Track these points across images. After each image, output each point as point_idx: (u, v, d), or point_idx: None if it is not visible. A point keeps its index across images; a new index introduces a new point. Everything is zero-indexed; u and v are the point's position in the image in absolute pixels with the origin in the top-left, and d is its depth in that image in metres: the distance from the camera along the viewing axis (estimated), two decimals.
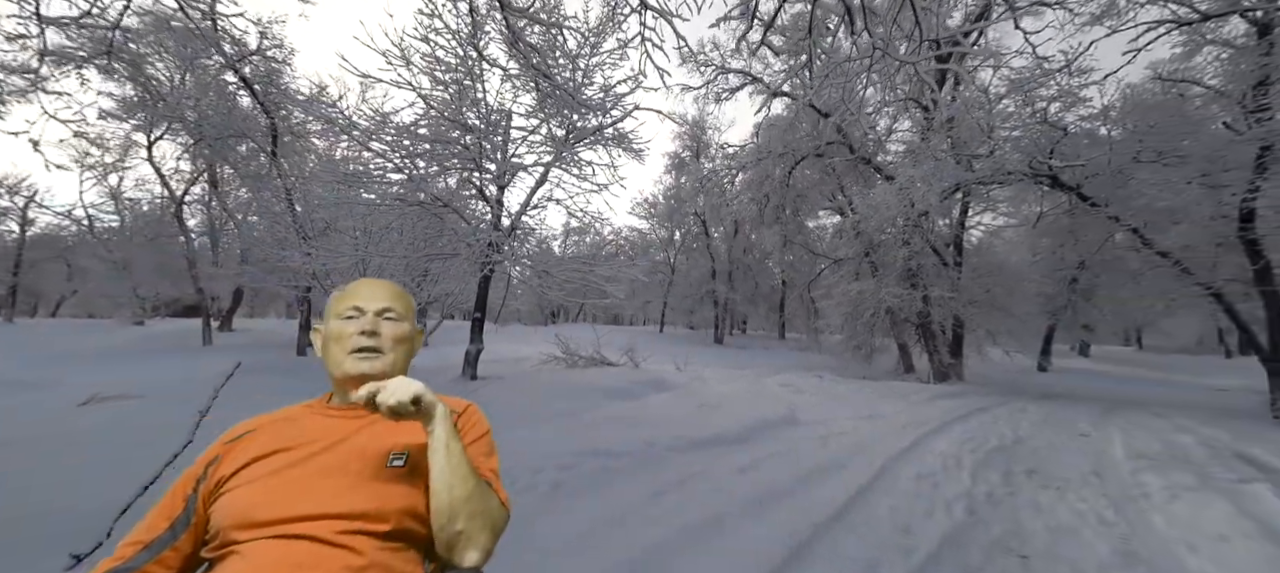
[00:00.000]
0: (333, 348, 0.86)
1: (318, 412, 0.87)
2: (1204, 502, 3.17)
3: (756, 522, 2.56)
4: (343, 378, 0.85)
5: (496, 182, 7.33)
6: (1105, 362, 20.60)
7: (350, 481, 0.75)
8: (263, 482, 0.75)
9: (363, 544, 0.70)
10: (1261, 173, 6.87)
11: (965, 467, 3.88)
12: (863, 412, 6.16)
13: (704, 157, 22.63)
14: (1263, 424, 6.70)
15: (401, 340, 0.89)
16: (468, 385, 6.63)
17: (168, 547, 0.75)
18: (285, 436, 0.80)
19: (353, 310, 0.88)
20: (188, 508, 0.77)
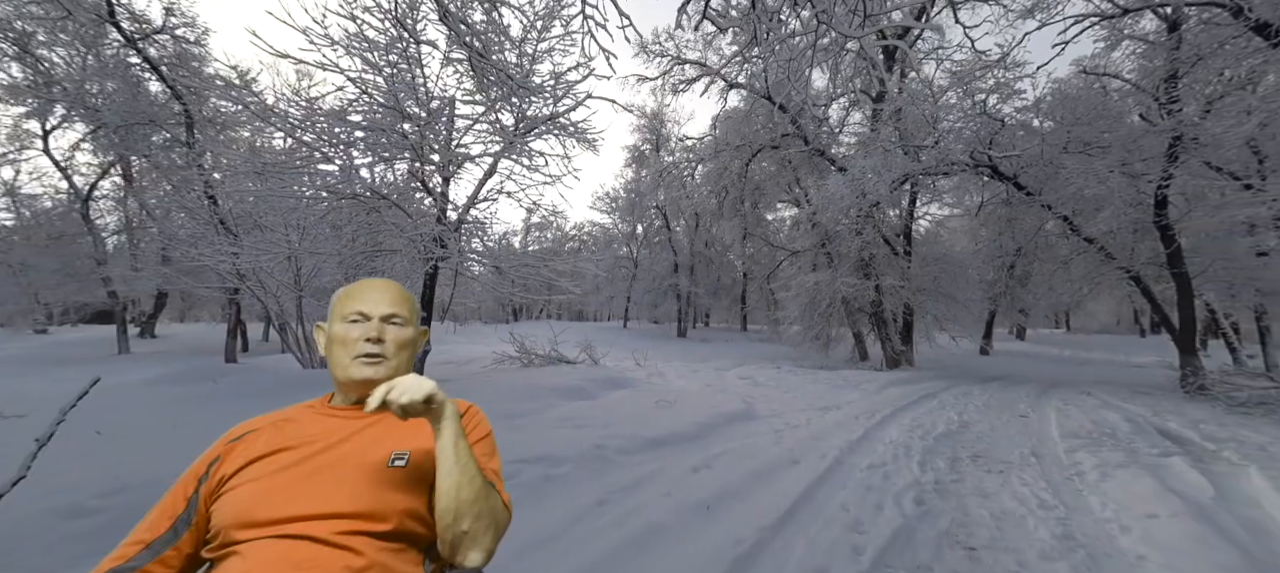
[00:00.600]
0: (337, 351, 0.86)
1: (319, 411, 0.86)
2: (1132, 478, 3.29)
3: (703, 528, 2.41)
4: (347, 383, 0.86)
5: (441, 173, 6.91)
6: (1039, 343, 22.07)
7: (351, 480, 0.74)
8: (264, 481, 0.74)
9: (363, 544, 0.70)
10: (1173, 161, 7.37)
11: (914, 454, 3.91)
12: (818, 403, 6.20)
13: (664, 150, 22.54)
14: (1176, 398, 7.23)
15: (405, 345, 0.89)
16: None
17: (169, 546, 0.75)
18: (287, 435, 0.80)
19: (357, 314, 0.87)
20: (190, 507, 0.77)
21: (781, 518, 2.55)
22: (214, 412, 4.52)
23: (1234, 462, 3.82)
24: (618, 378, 7.31)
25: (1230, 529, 2.41)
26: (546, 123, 7.15)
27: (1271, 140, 6.12)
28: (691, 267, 23.95)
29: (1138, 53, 8.20)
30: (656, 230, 25.48)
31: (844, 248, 11.46)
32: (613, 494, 2.76)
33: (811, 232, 12.71)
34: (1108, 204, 8.09)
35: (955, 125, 8.90)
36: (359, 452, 0.78)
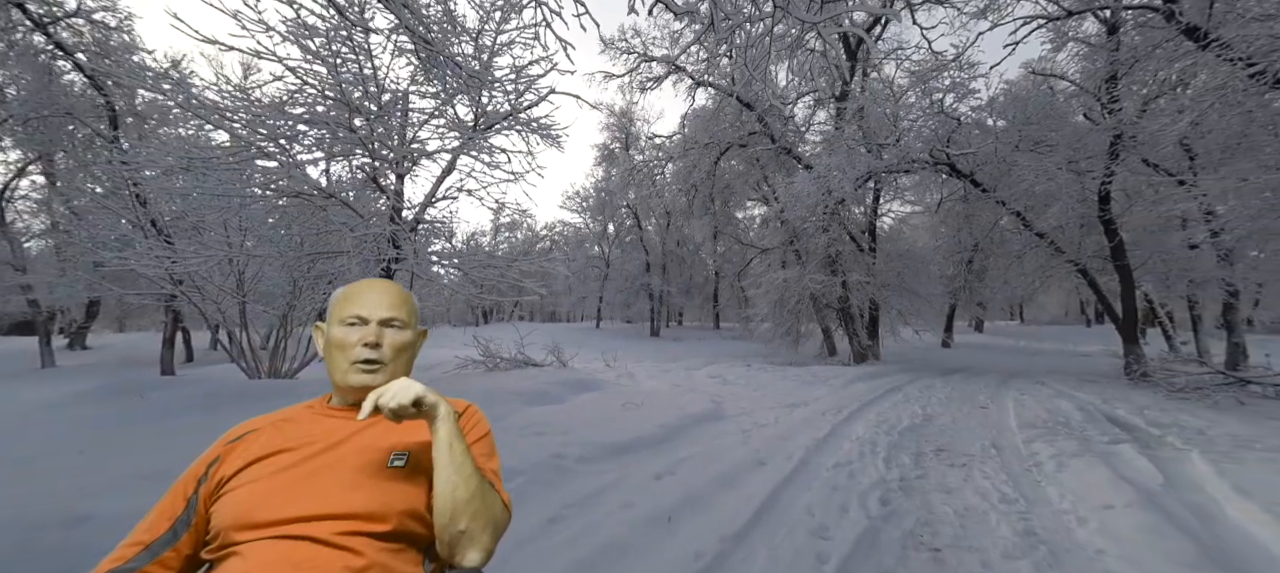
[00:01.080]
0: (335, 355, 0.85)
1: (319, 412, 0.86)
2: (1087, 467, 3.34)
3: (663, 543, 2.27)
4: (344, 387, 0.85)
5: (395, 170, 6.56)
6: (996, 335, 23.05)
7: (351, 481, 0.74)
8: (263, 482, 0.74)
9: (363, 545, 0.69)
10: (1114, 159, 7.72)
11: (880, 451, 3.89)
12: (787, 400, 6.18)
13: (634, 148, 22.41)
14: (1121, 385, 7.58)
15: (403, 349, 0.88)
16: None
17: (169, 547, 0.74)
18: (286, 436, 0.80)
19: (355, 318, 0.86)
20: (189, 508, 0.76)
21: (745, 526, 2.44)
22: (133, 434, 4.09)
23: (1178, 447, 3.96)
24: (586, 380, 7.12)
25: (1180, 517, 2.44)
26: (508, 118, 6.89)
27: (1202, 138, 6.48)
28: (664, 266, 23.92)
29: (1081, 55, 8.58)
30: (628, 230, 25.34)
31: (811, 245, 11.59)
32: (568, 509, 2.59)
33: (780, 229, 12.82)
34: (1057, 200, 8.42)
35: (915, 123, 9.10)
36: (358, 452, 0.78)
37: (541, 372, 7.70)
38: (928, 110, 8.98)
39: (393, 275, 6.67)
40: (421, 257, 6.19)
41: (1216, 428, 4.62)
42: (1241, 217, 6.52)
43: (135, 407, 5.22)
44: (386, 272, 6.48)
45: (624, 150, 22.76)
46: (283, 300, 7.92)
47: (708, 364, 10.58)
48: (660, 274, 23.44)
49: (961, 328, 22.75)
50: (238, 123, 5.31)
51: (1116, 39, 7.44)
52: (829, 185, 9.46)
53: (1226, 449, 3.74)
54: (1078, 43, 8.38)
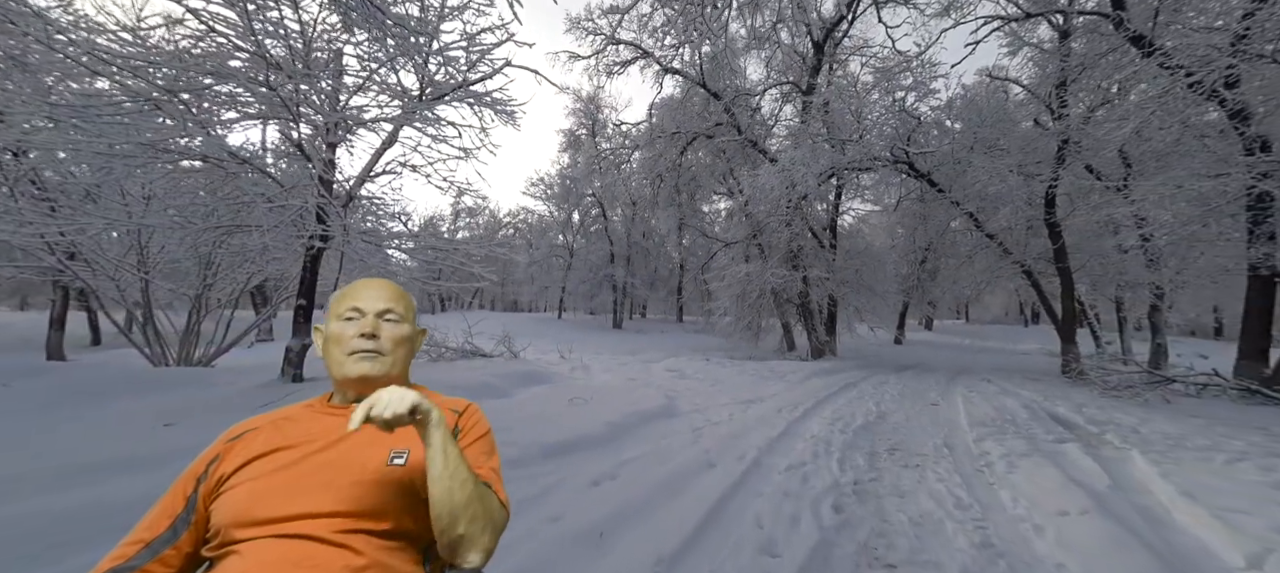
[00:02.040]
0: (332, 349, 0.85)
1: (319, 410, 0.86)
2: (1036, 467, 3.28)
3: (588, 566, 1.96)
4: (342, 380, 0.84)
5: (326, 138, 5.91)
6: (944, 333, 24.10)
7: (350, 479, 0.74)
8: (263, 480, 0.74)
9: (362, 543, 0.69)
10: (1061, 163, 7.96)
11: (834, 451, 3.73)
12: (743, 396, 6.01)
13: (601, 136, 21.87)
14: (1060, 383, 7.89)
15: (401, 342, 0.87)
16: (287, 390, 5.25)
17: (169, 545, 0.74)
18: (286, 434, 0.80)
19: (352, 312, 0.86)
20: (189, 506, 0.76)
21: (685, 543, 2.17)
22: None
23: (1117, 446, 4.00)
24: (536, 373, 6.73)
25: (1134, 524, 2.35)
26: (458, 90, 6.35)
27: (1141, 145, 6.75)
28: (628, 257, 23.60)
29: (1034, 60, 8.82)
30: (593, 219, 24.83)
31: (774, 240, 11.57)
32: None
33: (745, 223, 12.75)
34: (1007, 202, 8.64)
35: (878, 121, 9.13)
36: (358, 450, 0.77)
37: (489, 364, 7.24)
38: (890, 108, 9.02)
39: (320, 255, 6.05)
40: (352, 234, 5.59)
41: (1148, 426, 4.76)
42: (1173, 223, 6.83)
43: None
44: (312, 251, 5.86)
45: (591, 137, 22.16)
46: (197, 279, 7.09)
47: (667, 358, 10.37)
48: (624, 265, 23.11)
49: (913, 326, 23.64)
50: (126, 72, 4.56)
51: (1068, 45, 7.64)
52: (793, 179, 9.39)
53: (1163, 449, 3.80)
54: (1032, 48, 8.61)
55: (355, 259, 6.47)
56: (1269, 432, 4.70)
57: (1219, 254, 7.16)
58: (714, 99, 12.19)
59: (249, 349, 10.95)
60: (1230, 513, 2.30)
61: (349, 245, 5.96)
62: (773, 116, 14.03)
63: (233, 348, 7.85)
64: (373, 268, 6.60)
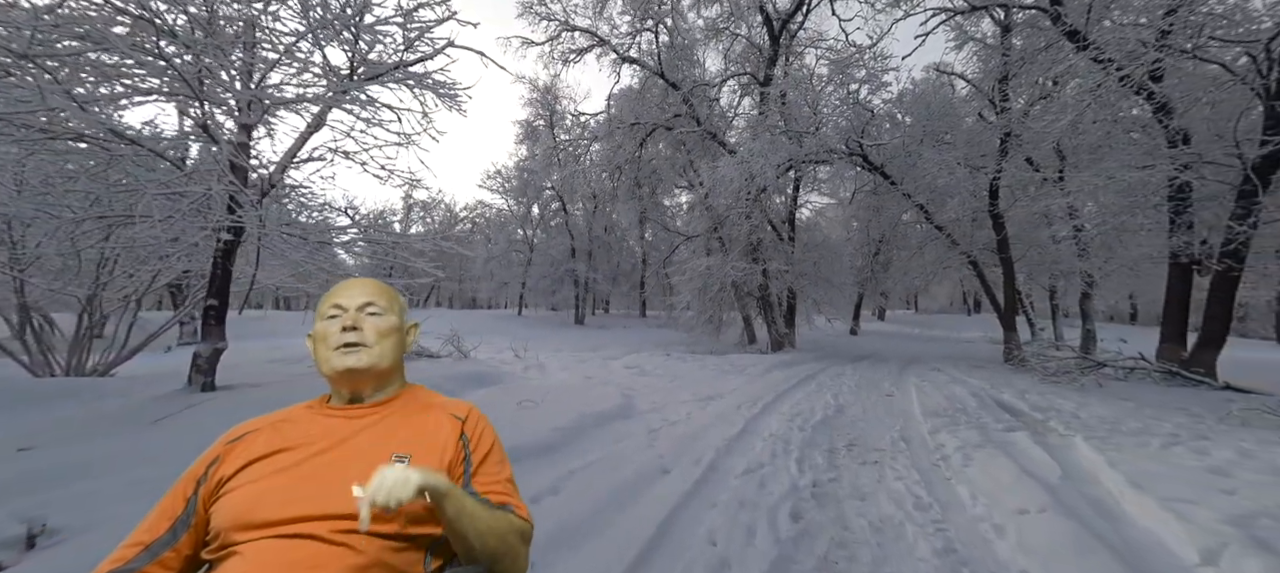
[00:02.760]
0: (319, 348, 0.86)
1: (318, 412, 0.85)
2: (990, 459, 3.25)
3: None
4: (331, 374, 0.84)
5: (238, 118, 5.26)
6: (896, 323, 25.08)
7: (351, 480, 0.73)
8: (264, 482, 0.74)
9: (364, 543, 0.69)
10: (1004, 156, 8.25)
11: (793, 449, 3.59)
12: (702, 392, 5.85)
13: (559, 127, 21.27)
14: (1004, 370, 8.21)
15: (386, 333, 0.87)
16: (190, 401, 4.63)
17: (168, 548, 0.74)
18: (286, 436, 0.80)
19: (335, 309, 0.87)
20: (188, 509, 0.76)
21: (629, 569, 1.92)
22: None
23: (1061, 432, 4.08)
24: (485, 374, 6.33)
25: (1088, 518, 2.30)
26: (394, 71, 5.81)
27: (1079, 138, 7.07)
28: (589, 252, 23.18)
29: (978, 55, 9.11)
30: (553, 213, 24.23)
31: (735, 232, 11.54)
32: None
33: (705, 215, 12.67)
34: (955, 194, 8.90)
35: (833, 114, 9.19)
36: (359, 452, 0.78)
37: (435, 365, 6.77)
38: (845, 100, 9.10)
39: (234, 249, 5.41)
40: (270, 226, 5.00)
41: (1086, 411, 4.94)
42: (1102, 214, 7.18)
43: None
44: (222, 244, 5.22)
45: (548, 129, 21.52)
46: (89, 277, 6.21)
47: (628, 354, 10.14)
48: (586, 260, 22.69)
49: (867, 316, 24.48)
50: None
51: (1009, 40, 7.91)
52: (752, 170, 9.33)
53: (1103, 434, 3.89)
54: (976, 43, 8.90)
55: (277, 253, 5.84)
56: (1189, 412, 4.98)
57: (1143, 244, 7.61)
58: (672, 89, 11.99)
59: (168, 353, 9.91)
60: (1177, 503, 2.29)
61: (267, 239, 5.35)
62: (732, 109, 13.99)
63: (139, 353, 6.99)
64: (299, 264, 6.00)
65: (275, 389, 5.17)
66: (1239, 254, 5.74)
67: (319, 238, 5.69)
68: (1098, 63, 5.93)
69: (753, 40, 12.68)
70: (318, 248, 5.72)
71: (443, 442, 0.83)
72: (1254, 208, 5.39)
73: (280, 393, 4.87)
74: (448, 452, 0.82)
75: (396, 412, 0.85)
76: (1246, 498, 2.32)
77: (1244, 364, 9.21)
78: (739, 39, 13.62)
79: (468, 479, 0.82)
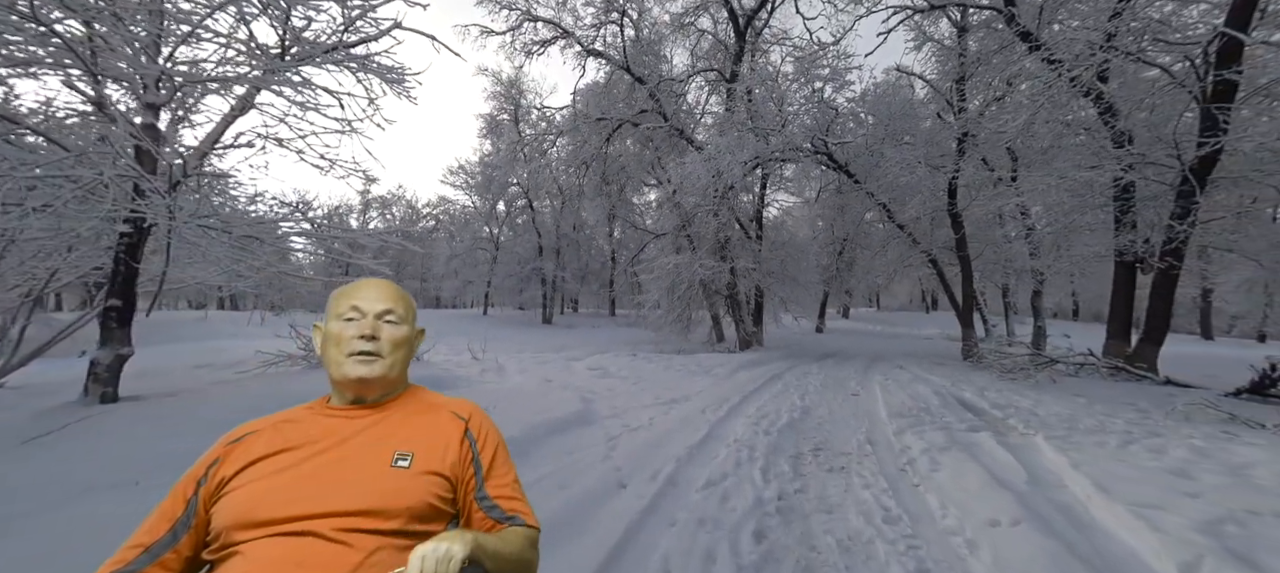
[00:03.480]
0: (331, 350, 0.84)
1: (319, 412, 0.85)
2: (957, 464, 3.15)
3: None
4: (341, 380, 0.83)
5: (145, 98, 4.67)
6: (860, 320, 25.71)
7: (355, 480, 0.74)
8: (266, 481, 0.74)
9: (366, 542, 0.69)
10: (961, 155, 8.42)
11: (758, 456, 3.41)
12: (667, 394, 5.63)
13: (525, 122, 20.68)
14: (962, 367, 8.37)
15: (400, 344, 0.87)
16: (84, 413, 4.03)
17: (168, 549, 0.74)
18: (288, 436, 0.79)
19: (352, 312, 0.86)
20: (189, 510, 0.76)
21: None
22: None
23: (1022, 431, 4.07)
24: (438, 378, 5.91)
25: (1060, 529, 2.20)
26: (332, 51, 5.32)
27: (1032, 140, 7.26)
28: (557, 250, 22.70)
29: (936, 56, 9.29)
30: (519, 210, 23.60)
31: (703, 230, 11.43)
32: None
33: (674, 213, 12.51)
34: (916, 192, 9.03)
35: (799, 111, 9.18)
36: (362, 452, 0.77)
37: None
38: (810, 98, 9.10)
39: (139, 244, 4.81)
40: (179, 218, 4.44)
41: (1043, 408, 4.99)
42: (1055, 212, 7.39)
43: None
44: (126, 238, 4.63)
45: (513, 124, 20.89)
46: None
47: (593, 354, 9.84)
48: (554, 259, 22.20)
49: (832, 314, 24.98)
50: None
51: (965, 42, 8.06)
52: (719, 167, 9.20)
53: (1062, 433, 3.89)
54: (934, 43, 9.07)
55: (197, 250, 5.25)
56: (1137, 407, 5.11)
57: (1089, 243, 7.90)
58: (639, 84, 11.75)
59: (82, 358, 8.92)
60: (1147, 510, 2.21)
61: (182, 232, 4.78)
62: (699, 106, 13.88)
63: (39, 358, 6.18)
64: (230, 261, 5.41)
65: (188, 399, 4.61)
66: (1179, 253, 5.99)
67: (247, 232, 5.12)
68: (1049, 64, 6.06)
69: (719, 37, 12.59)
70: (246, 244, 5.16)
71: (445, 442, 0.82)
72: (1192, 207, 5.63)
73: (192, 404, 4.34)
74: (451, 452, 0.82)
75: (398, 412, 0.85)
76: (1212, 502, 2.26)
77: (1174, 358, 9.75)
78: (706, 36, 13.53)
79: (480, 484, 0.82)
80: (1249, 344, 19.22)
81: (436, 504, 0.76)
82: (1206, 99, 5.42)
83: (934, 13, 8.15)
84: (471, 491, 0.81)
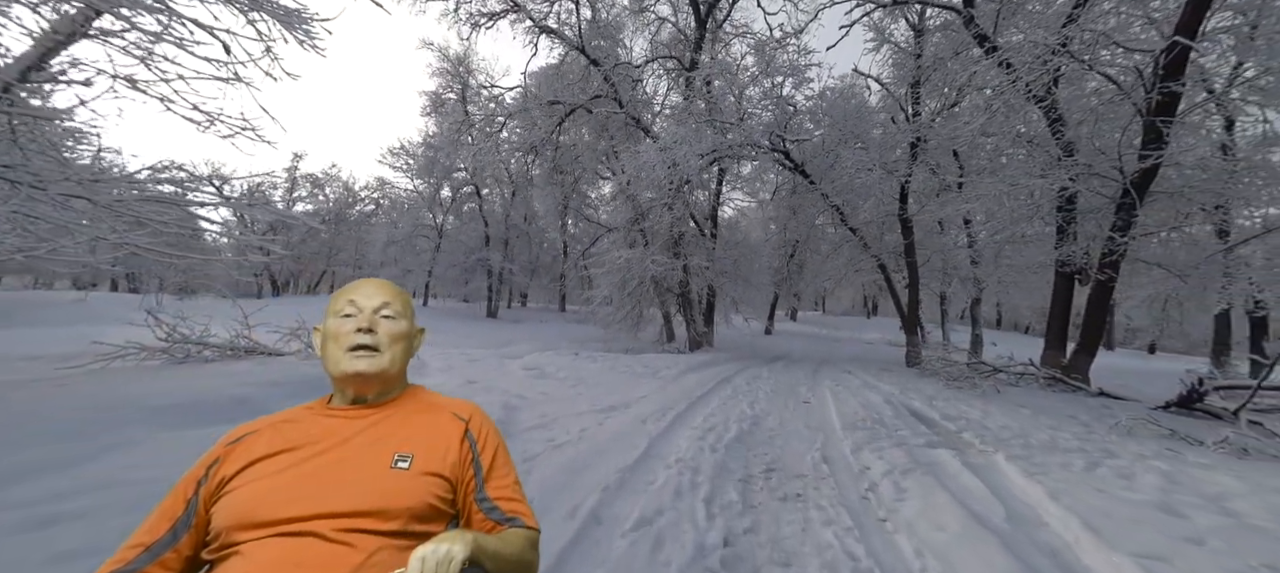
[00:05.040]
0: (330, 347, 0.84)
1: (319, 413, 0.85)
2: (924, 493, 2.76)
3: None
4: (340, 376, 0.83)
5: None
6: (806, 324, 26.26)
7: (355, 480, 0.74)
8: (266, 481, 0.73)
9: (366, 542, 0.69)
10: (914, 160, 8.38)
11: (702, 482, 2.88)
12: (606, 400, 5.03)
13: (474, 104, 19.38)
14: (908, 374, 8.34)
15: (399, 338, 0.87)
16: None
17: (169, 549, 0.74)
18: (288, 436, 0.79)
19: (350, 308, 0.86)
20: (189, 510, 0.76)
21: None
22: None
23: (980, 447, 3.81)
24: (317, 376, 5.00)
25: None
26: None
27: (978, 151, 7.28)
28: (506, 240, 21.58)
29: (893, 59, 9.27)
30: (466, 197, 22.21)
31: (657, 225, 10.93)
32: None
33: (627, 205, 11.93)
34: (871, 195, 8.94)
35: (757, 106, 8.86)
36: (361, 452, 0.77)
37: (268, 365, 5.27)
38: (768, 93, 8.80)
39: None
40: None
41: (992, 420, 4.84)
42: (997, 222, 7.44)
43: None
44: None
45: (461, 103, 19.51)
46: None
47: (532, 352, 9.08)
48: (501, 249, 21.05)
49: (781, 317, 25.36)
50: None
51: (922, 43, 8.02)
52: (675, 158, 8.71)
53: (1019, 450, 3.66)
54: (892, 45, 9.05)
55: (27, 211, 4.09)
56: (1079, 420, 5.09)
57: (1030, 253, 8.07)
58: (593, 66, 11.07)
59: None
60: (1155, 564, 1.85)
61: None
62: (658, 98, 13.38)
63: None
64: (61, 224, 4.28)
65: (36, 391, 3.49)
66: (1116, 265, 6.11)
67: (67, 192, 4.01)
68: (1004, 67, 5.99)
69: (679, 26, 12.14)
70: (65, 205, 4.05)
71: (446, 442, 0.82)
72: (1132, 220, 5.73)
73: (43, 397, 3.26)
74: (451, 452, 0.81)
75: (398, 412, 0.84)
76: (1221, 552, 1.95)
77: (1094, 369, 10.31)
78: (666, 25, 13.05)
79: (480, 485, 0.82)
80: (1142, 356, 21.25)
81: (436, 505, 0.76)
82: (1150, 111, 5.52)
83: (894, 10, 8.06)
84: (471, 492, 0.81)
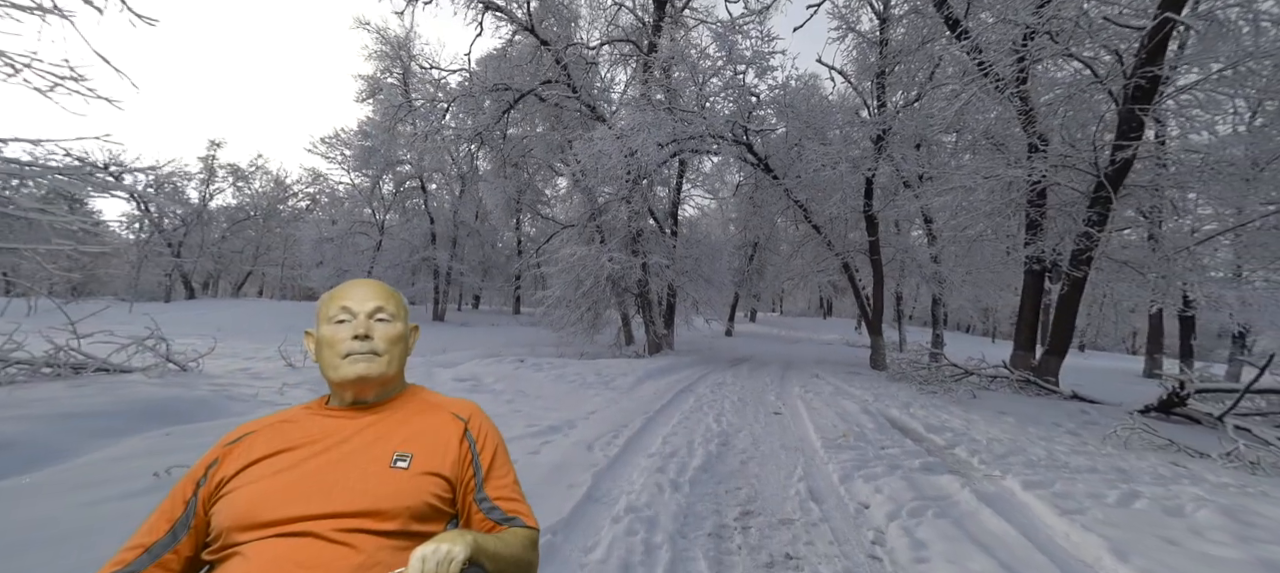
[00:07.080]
0: (326, 353, 0.83)
1: (317, 413, 0.84)
2: (952, 550, 2.13)
3: None
4: (339, 382, 0.82)
5: None
6: (765, 324, 26.23)
7: (354, 480, 0.73)
8: (265, 482, 0.73)
9: (366, 542, 0.69)
10: (880, 154, 8.05)
11: (660, 543, 2.12)
12: (546, 418, 4.18)
13: (419, 93, 17.89)
14: (875, 376, 7.96)
15: (396, 340, 0.86)
16: None
17: (168, 550, 0.73)
18: (286, 437, 0.79)
19: (343, 313, 0.84)
20: (188, 510, 0.75)
21: None
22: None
23: (983, 470, 3.28)
24: (184, 401, 3.90)
25: None
26: None
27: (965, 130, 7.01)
28: (454, 239, 20.11)
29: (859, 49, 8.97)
30: (410, 192, 20.58)
31: (614, 221, 10.16)
32: None
33: (583, 200, 11.07)
34: (836, 191, 8.55)
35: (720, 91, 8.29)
36: (360, 452, 0.77)
37: (87, 388, 4.05)
38: (730, 82, 8.26)
39: None
40: None
41: (977, 430, 4.43)
42: (971, 215, 7.17)
43: None
44: None
45: (403, 89, 17.97)
46: None
47: (473, 359, 8.06)
48: (449, 248, 19.58)
49: (740, 318, 25.19)
50: None
51: (887, 31, 7.72)
52: (633, 146, 7.97)
53: (1025, 471, 3.15)
54: (857, 35, 8.75)
55: None
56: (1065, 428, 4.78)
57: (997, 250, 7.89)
58: (544, 47, 10.19)
59: None
60: None
61: None
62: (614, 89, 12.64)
63: None
64: None
65: None
66: (1089, 261, 5.91)
67: None
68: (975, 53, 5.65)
69: (636, 12, 11.45)
70: None
71: (445, 442, 0.81)
72: (1107, 214, 5.53)
73: None
74: (450, 452, 0.81)
75: (397, 412, 0.84)
76: None
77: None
78: (624, 10, 12.33)
79: (479, 485, 0.81)
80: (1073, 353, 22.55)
81: (436, 505, 0.75)
82: (1127, 100, 5.31)
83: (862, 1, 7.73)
84: (471, 491, 0.80)
